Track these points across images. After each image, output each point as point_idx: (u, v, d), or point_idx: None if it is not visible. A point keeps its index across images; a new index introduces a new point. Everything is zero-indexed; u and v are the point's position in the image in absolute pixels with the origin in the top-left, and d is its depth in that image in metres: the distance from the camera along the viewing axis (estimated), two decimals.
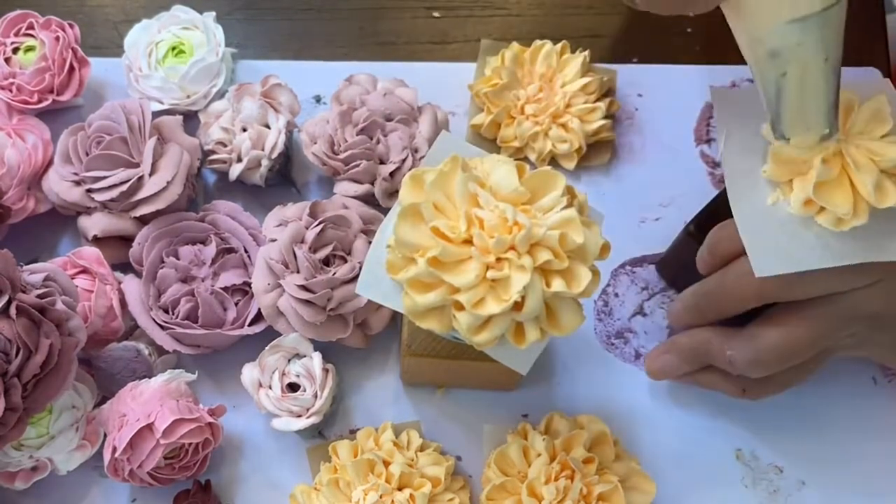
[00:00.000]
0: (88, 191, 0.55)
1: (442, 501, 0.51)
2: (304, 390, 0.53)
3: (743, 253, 0.47)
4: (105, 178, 0.55)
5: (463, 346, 0.46)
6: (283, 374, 0.53)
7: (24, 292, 0.46)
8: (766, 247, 0.45)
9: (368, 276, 0.43)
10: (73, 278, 0.53)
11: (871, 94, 0.46)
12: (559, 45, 0.62)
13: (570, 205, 0.41)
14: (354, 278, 0.52)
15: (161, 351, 0.55)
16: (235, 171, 0.58)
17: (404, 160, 0.57)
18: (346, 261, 0.54)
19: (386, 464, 0.51)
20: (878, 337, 0.49)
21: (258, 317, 0.55)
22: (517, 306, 0.39)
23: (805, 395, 0.55)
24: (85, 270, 0.55)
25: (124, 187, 0.54)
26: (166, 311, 0.54)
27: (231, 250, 0.56)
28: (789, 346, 0.48)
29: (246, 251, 0.56)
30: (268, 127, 0.59)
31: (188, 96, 0.61)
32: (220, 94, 0.62)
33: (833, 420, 0.56)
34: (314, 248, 0.53)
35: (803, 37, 0.41)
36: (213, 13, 0.63)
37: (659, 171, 0.63)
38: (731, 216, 0.47)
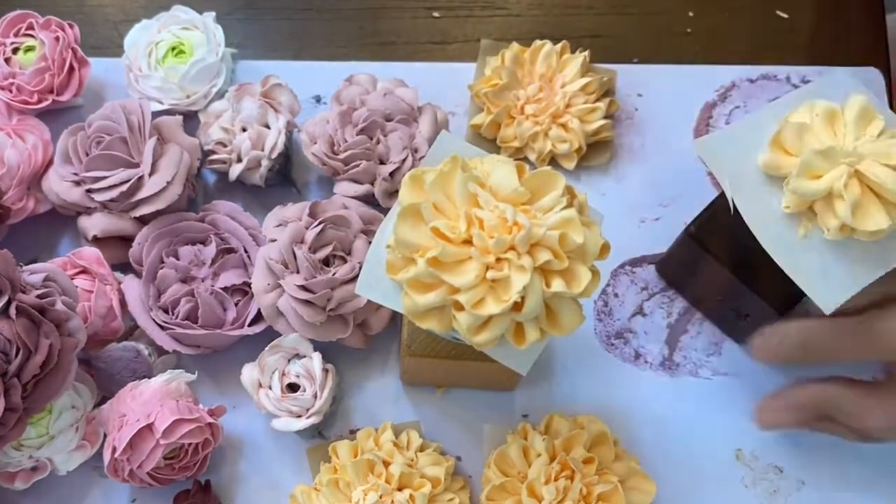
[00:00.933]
0: (88, 191, 0.55)
1: (442, 501, 0.51)
2: (304, 390, 0.53)
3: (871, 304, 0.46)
4: (105, 178, 0.55)
5: (463, 346, 0.46)
6: (283, 374, 0.53)
7: (23, 292, 0.46)
8: (822, 280, 0.45)
9: (368, 277, 0.43)
10: (72, 278, 0.53)
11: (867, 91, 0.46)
12: (559, 45, 0.62)
13: (570, 205, 0.40)
14: (354, 278, 0.52)
15: (161, 351, 0.55)
16: (235, 171, 0.58)
17: (404, 160, 0.57)
18: (345, 261, 0.54)
19: (386, 464, 0.51)
20: None
21: (258, 317, 0.55)
22: (517, 306, 0.39)
23: None
24: (85, 270, 0.55)
25: (124, 187, 0.54)
26: (166, 312, 0.54)
27: (231, 250, 0.56)
28: None
29: (246, 251, 0.56)
30: (268, 127, 0.59)
31: (188, 96, 0.61)
32: (220, 94, 0.62)
33: None
34: (314, 249, 0.53)
35: None
36: (213, 13, 0.63)
37: (659, 171, 0.63)
38: (731, 219, 0.47)
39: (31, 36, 0.61)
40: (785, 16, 0.68)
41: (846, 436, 0.51)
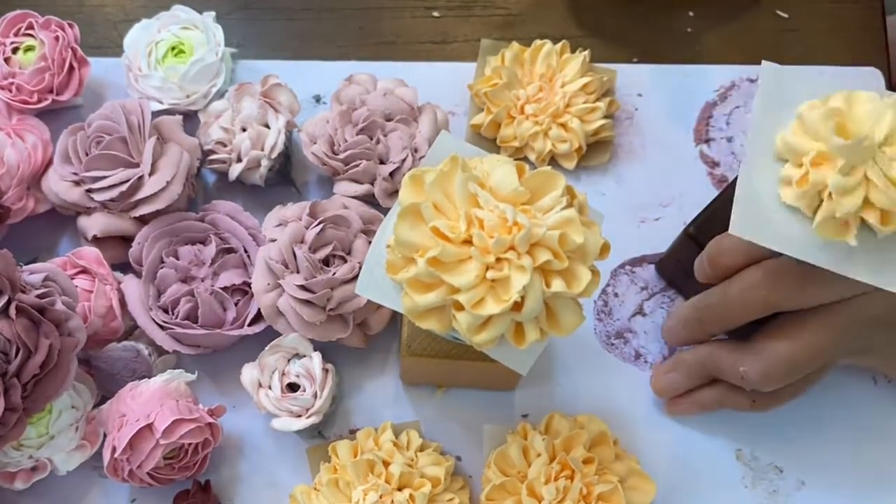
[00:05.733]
0: (88, 191, 0.55)
1: (442, 501, 0.51)
2: (304, 390, 0.53)
3: (745, 266, 0.47)
4: (105, 177, 0.55)
5: (463, 346, 0.46)
6: (283, 374, 0.53)
7: (23, 292, 0.46)
8: (757, 215, 0.44)
9: (368, 276, 0.43)
10: (72, 278, 0.53)
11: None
12: (559, 45, 0.62)
13: (569, 205, 0.40)
14: (354, 278, 0.52)
15: (161, 351, 0.55)
16: (235, 171, 0.58)
17: (404, 160, 0.57)
18: (345, 261, 0.54)
19: (386, 464, 0.51)
20: (881, 338, 0.49)
21: (258, 317, 0.55)
22: (517, 306, 0.39)
23: (805, 396, 0.55)
24: (84, 270, 0.55)
25: (124, 187, 0.54)
26: (166, 311, 0.54)
27: (231, 250, 0.56)
28: (801, 357, 0.48)
29: (246, 251, 0.56)
30: (267, 127, 0.59)
31: (188, 96, 0.61)
32: (220, 94, 0.62)
33: (833, 420, 0.56)
34: (314, 248, 0.53)
35: None
36: (213, 13, 0.63)
37: (659, 171, 0.63)
38: (731, 217, 0.47)
39: (31, 35, 0.60)
40: (785, 16, 0.68)
41: (736, 403, 0.53)
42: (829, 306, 0.47)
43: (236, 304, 0.55)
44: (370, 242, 0.47)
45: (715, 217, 0.53)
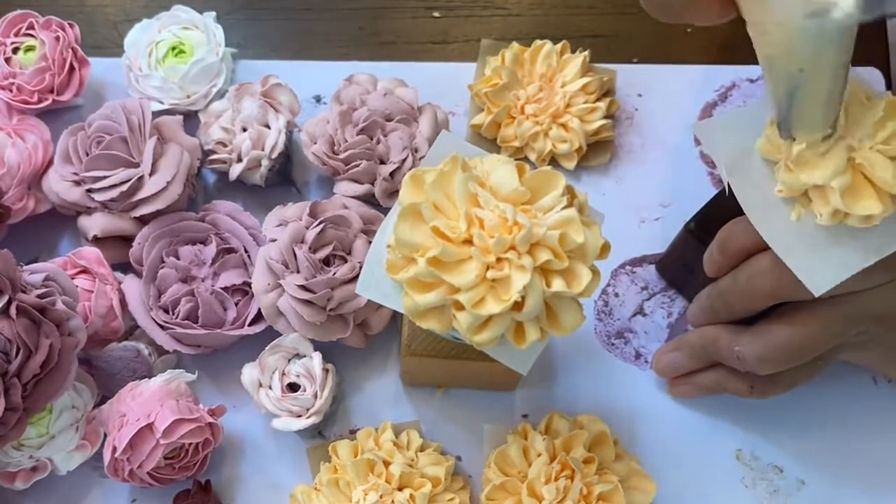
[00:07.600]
0: (88, 191, 0.55)
1: (442, 501, 0.51)
2: (304, 390, 0.53)
3: (755, 252, 0.47)
4: (105, 178, 0.55)
5: (463, 346, 0.46)
6: (283, 374, 0.53)
7: (24, 292, 0.46)
8: (813, 264, 0.44)
9: (368, 276, 0.43)
10: (73, 278, 0.53)
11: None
12: (559, 45, 0.63)
13: (570, 205, 0.40)
14: (354, 278, 0.52)
15: (161, 351, 0.55)
16: (235, 171, 0.58)
17: (404, 160, 0.57)
18: (346, 261, 0.54)
19: (386, 464, 0.51)
20: (884, 336, 0.49)
21: (258, 317, 0.55)
22: (517, 306, 0.39)
23: (805, 395, 0.55)
24: (85, 270, 0.55)
25: (124, 187, 0.54)
26: (166, 311, 0.54)
27: (231, 250, 0.56)
28: (799, 344, 0.47)
29: (246, 251, 0.56)
30: (268, 127, 0.59)
31: (188, 96, 0.61)
32: (220, 94, 0.62)
33: (833, 420, 0.56)
34: (314, 248, 0.53)
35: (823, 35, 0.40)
36: (213, 13, 0.63)
37: (659, 171, 0.63)
38: (732, 214, 0.47)
39: (32, 36, 0.61)
40: None
41: (735, 387, 0.53)
42: (835, 298, 0.46)
43: (236, 304, 0.55)
44: (370, 242, 0.47)
45: (715, 212, 0.53)
